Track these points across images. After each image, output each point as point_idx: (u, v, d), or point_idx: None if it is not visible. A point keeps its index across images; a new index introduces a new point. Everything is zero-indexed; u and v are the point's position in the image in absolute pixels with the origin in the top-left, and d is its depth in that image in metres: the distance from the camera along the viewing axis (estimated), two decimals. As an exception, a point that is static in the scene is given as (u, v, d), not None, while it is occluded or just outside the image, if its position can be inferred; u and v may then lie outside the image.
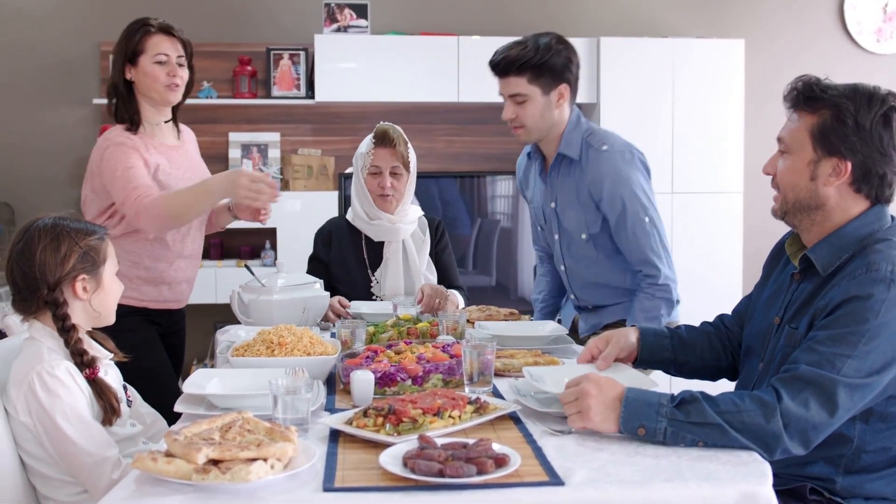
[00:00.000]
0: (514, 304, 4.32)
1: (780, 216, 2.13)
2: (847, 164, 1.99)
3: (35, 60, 5.44)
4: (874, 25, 5.97)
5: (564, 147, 3.03)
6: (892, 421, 1.98)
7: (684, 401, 1.81)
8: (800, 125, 2.03)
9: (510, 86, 2.97)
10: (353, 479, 1.63)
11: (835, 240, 2.02)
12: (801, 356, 1.89)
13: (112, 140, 2.98)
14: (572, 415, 1.85)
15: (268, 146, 5.51)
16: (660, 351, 2.33)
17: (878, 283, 1.89)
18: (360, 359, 2.33)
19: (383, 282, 3.40)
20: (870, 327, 1.86)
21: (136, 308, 3.00)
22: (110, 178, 2.93)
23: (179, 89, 3.07)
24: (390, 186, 3.33)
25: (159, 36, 3.04)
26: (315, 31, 5.36)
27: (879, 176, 1.99)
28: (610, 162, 2.97)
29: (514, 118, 3.01)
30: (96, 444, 2.07)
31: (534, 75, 2.93)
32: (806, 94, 2.02)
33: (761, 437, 1.79)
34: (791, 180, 2.06)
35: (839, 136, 1.98)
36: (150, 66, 3.02)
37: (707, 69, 5.50)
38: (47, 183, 5.44)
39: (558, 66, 2.94)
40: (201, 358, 5.38)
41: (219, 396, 2.06)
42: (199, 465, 1.57)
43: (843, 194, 2.02)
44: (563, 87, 2.97)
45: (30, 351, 2.15)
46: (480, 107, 5.68)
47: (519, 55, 2.93)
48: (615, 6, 5.83)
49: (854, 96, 1.98)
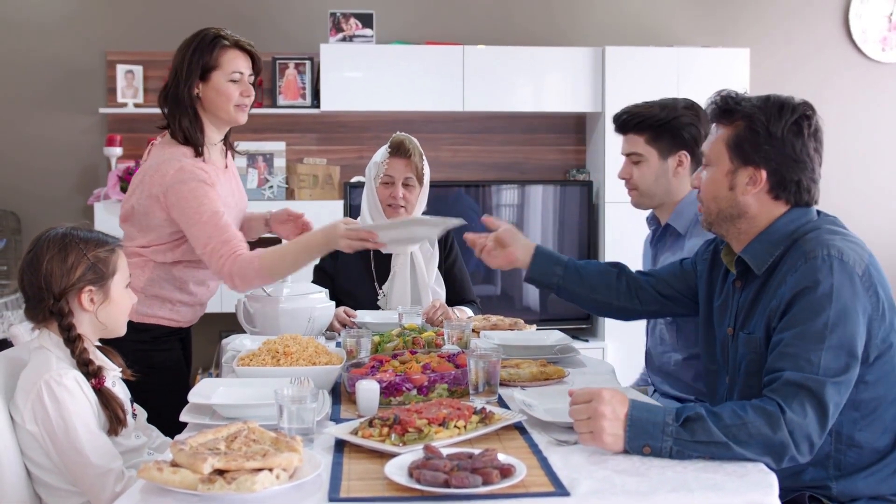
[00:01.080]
0: (520, 314, 4.32)
1: (706, 227, 2.19)
2: (762, 173, 2.05)
3: (42, 70, 5.46)
4: (879, 34, 5.96)
5: (674, 219, 2.83)
6: (864, 409, 2.00)
7: (689, 419, 1.80)
8: (717, 137, 2.11)
9: (627, 143, 2.85)
10: (359, 489, 1.63)
11: (764, 237, 2.08)
12: (778, 364, 1.91)
13: (192, 173, 2.72)
14: (584, 434, 1.84)
15: (273, 155, 5.52)
16: (549, 276, 2.45)
17: (820, 270, 1.92)
18: (365, 368, 2.32)
19: (390, 295, 3.37)
20: (828, 315, 1.89)
21: (173, 329, 2.92)
22: (191, 219, 2.70)
23: (247, 109, 2.88)
24: (402, 197, 3.31)
25: (235, 51, 2.82)
26: (321, 40, 5.38)
27: (795, 182, 2.05)
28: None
29: (628, 178, 2.85)
30: (101, 454, 2.07)
31: (652, 136, 2.79)
32: (722, 107, 2.10)
33: (769, 447, 1.80)
34: (712, 191, 2.13)
35: (752, 145, 2.04)
36: (224, 83, 2.80)
37: (712, 78, 5.48)
38: (54, 192, 5.45)
39: (681, 130, 2.78)
40: (206, 367, 5.38)
41: (224, 406, 2.06)
42: (205, 475, 1.57)
43: (762, 202, 2.08)
44: (682, 154, 2.79)
45: (38, 360, 2.15)
46: (486, 116, 5.70)
47: (640, 112, 2.82)
48: (620, 15, 5.83)
49: (765, 106, 2.04)
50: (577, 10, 5.82)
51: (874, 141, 5.98)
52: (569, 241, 5.63)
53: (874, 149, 5.98)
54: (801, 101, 2.07)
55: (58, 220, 2.30)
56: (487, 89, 5.43)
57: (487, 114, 5.66)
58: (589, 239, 5.59)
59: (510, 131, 5.80)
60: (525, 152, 5.83)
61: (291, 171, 5.52)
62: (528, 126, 5.80)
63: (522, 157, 5.83)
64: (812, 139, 2.05)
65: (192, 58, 2.80)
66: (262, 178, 5.49)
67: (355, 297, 3.36)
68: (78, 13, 5.47)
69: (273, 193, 5.48)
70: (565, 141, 5.84)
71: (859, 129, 5.96)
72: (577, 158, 5.86)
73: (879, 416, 2.01)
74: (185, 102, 2.81)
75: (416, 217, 3.27)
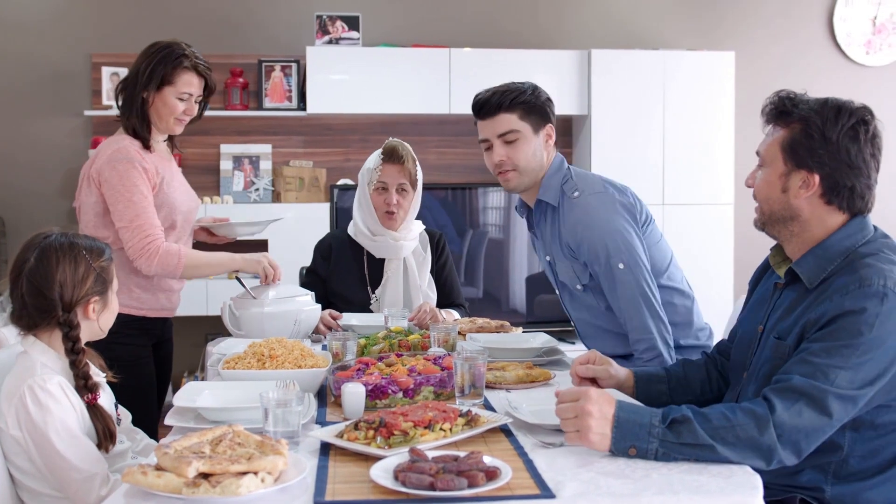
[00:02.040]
0: (506, 316, 4.32)
1: (759, 227, 2.17)
2: (815, 177, 2.02)
3: (27, 72, 5.44)
4: (863, 38, 6.00)
5: (543, 193, 2.90)
6: (882, 430, 1.99)
7: (675, 420, 1.80)
8: (773, 139, 2.08)
9: (500, 123, 2.86)
10: (344, 492, 1.63)
11: (819, 252, 2.05)
12: (794, 367, 1.90)
13: (127, 154, 2.96)
14: (570, 433, 1.84)
15: (259, 158, 5.51)
16: (657, 395, 2.34)
17: (871, 298, 1.90)
18: (351, 371, 2.32)
19: (383, 300, 3.37)
20: (864, 340, 1.87)
21: (134, 317, 3.00)
22: (120, 195, 2.91)
23: (184, 124, 3.10)
24: (396, 203, 3.32)
25: (191, 74, 3.03)
26: (307, 43, 5.38)
27: (849, 188, 2.02)
28: (582, 209, 2.84)
29: (504, 160, 2.87)
30: (85, 459, 2.06)
31: (525, 111, 2.86)
32: (779, 109, 2.07)
33: (755, 449, 1.80)
34: (765, 193, 2.10)
35: (806, 149, 2.02)
36: (172, 99, 3.02)
37: (698, 81, 5.52)
38: (38, 195, 5.43)
39: (545, 105, 2.89)
40: (192, 370, 5.36)
41: (209, 409, 2.05)
42: (190, 478, 1.56)
43: (814, 206, 2.05)
44: (549, 127, 2.90)
45: (23, 365, 2.14)
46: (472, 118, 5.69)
47: (508, 91, 2.86)
48: (606, 18, 5.85)
49: (822, 110, 2.01)
50: (563, 13, 5.83)
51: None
52: (555, 244, 5.64)
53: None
54: (860, 105, 2.04)
55: (42, 223, 2.29)
56: (474, 92, 5.35)
57: (474, 116, 5.66)
58: (575, 241, 5.60)
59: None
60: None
61: (277, 174, 5.51)
62: (515, 129, 5.79)
63: (509, 160, 5.83)
64: (869, 145, 2.02)
65: (154, 67, 3.00)
66: (248, 180, 5.48)
67: (348, 300, 3.36)
68: (63, 15, 5.45)
69: (259, 196, 5.47)
70: (552, 143, 5.85)
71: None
72: (564, 161, 5.86)
73: (893, 433, 1.99)
74: (136, 103, 3.02)
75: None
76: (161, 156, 3.11)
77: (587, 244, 2.81)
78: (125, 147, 2.97)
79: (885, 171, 2.08)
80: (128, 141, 3.01)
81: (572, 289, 2.97)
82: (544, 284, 5.67)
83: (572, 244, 2.85)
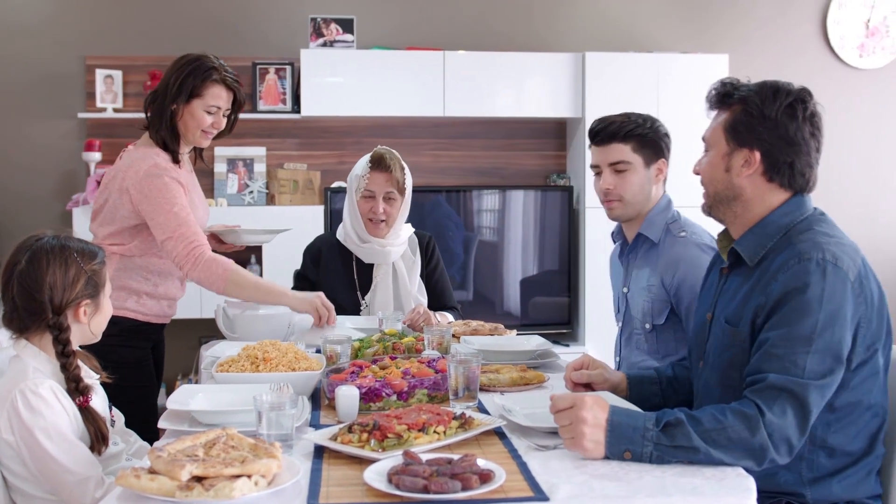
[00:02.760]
0: (500, 319, 4.33)
1: (705, 211, 2.24)
2: (756, 154, 2.10)
3: (20, 74, 5.43)
4: (857, 41, 6.01)
5: (646, 227, 2.88)
6: (839, 413, 2.01)
7: (669, 424, 1.81)
8: (716, 123, 2.17)
9: (611, 153, 2.87)
10: (338, 495, 1.63)
11: (758, 230, 2.11)
12: (763, 365, 1.92)
13: (165, 170, 2.95)
14: (566, 439, 1.84)
15: (253, 160, 5.51)
16: (649, 396, 2.38)
17: (812, 273, 1.94)
18: (345, 374, 2.32)
19: (373, 305, 3.37)
20: (817, 319, 1.90)
21: (139, 323, 3.00)
22: (161, 208, 2.89)
23: (211, 137, 3.10)
24: (382, 212, 3.31)
25: (220, 87, 3.04)
26: (301, 45, 5.37)
27: (788, 164, 2.08)
28: (686, 247, 2.79)
29: (612, 188, 2.86)
30: (79, 462, 2.06)
31: (638, 144, 2.86)
32: (721, 93, 2.16)
33: (748, 450, 1.81)
34: (710, 174, 2.19)
35: (746, 127, 2.10)
36: (200, 112, 3.02)
37: (691, 84, 5.52)
38: (32, 197, 5.42)
39: (660, 140, 2.88)
40: (186, 373, 5.36)
41: (203, 412, 2.05)
42: (183, 481, 1.56)
43: (757, 185, 2.12)
44: (662, 162, 2.89)
45: (15, 369, 2.14)
46: (466, 121, 5.70)
47: (624, 122, 2.86)
48: (600, 21, 5.86)
49: (761, 90, 2.10)
50: (557, 16, 5.84)
51: (851, 147, 6.02)
52: (549, 247, 5.65)
53: (850, 154, 6.03)
54: (800, 87, 2.11)
55: (36, 226, 2.28)
56: (468, 95, 5.44)
57: (468, 119, 5.67)
58: (570, 244, 5.61)
59: (491, 136, 5.81)
60: (506, 157, 5.84)
61: (272, 177, 5.51)
62: (509, 131, 5.81)
63: (503, 163, 5.84)
64: (807, 123, 2.08)
65: (184, 79, 3.00)
66: (243, 183, 5.47)
67: (337, 305, 3.34)
68: (57, 17, 5.44)
69: (253, 199, 5.46)
70: (546, 146, 5.86)
71: (836, 135, 6.00)
72: (558, 164, 5.88)
73: (853, 421, 2.02)
74: (165, 115, 3.01)
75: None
76: (187, 169, 3.12)
77: (689, 283, 2.72)
78: (159, 163, 2.96)
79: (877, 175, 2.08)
80: (162, 157, 3.00)
81: (639, 327, 2.89)
82: (539, 287, 5.69)
83: (666, 279, 2.78)
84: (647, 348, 2.87)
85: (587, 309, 5.49)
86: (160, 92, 3.03)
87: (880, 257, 5.87)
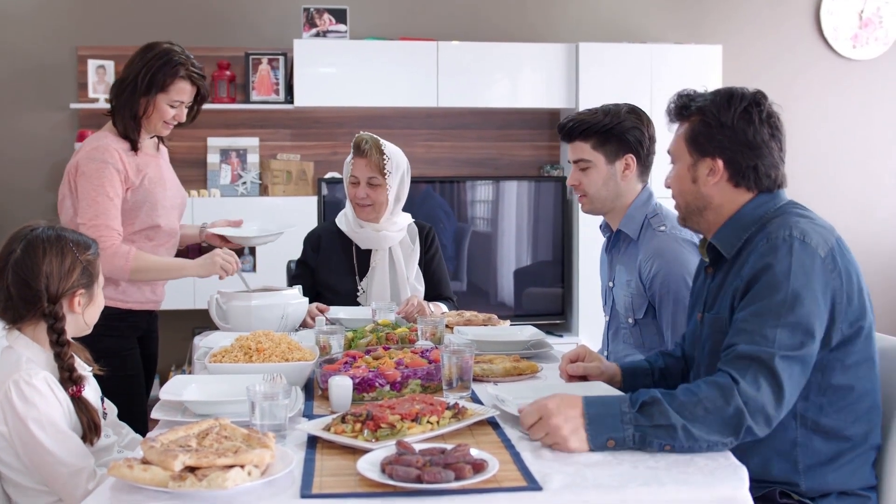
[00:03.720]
0: (494, 309, 4.33)
1: (681, 223, 2.26)
2: (719, 162, 2.12)
3: (11, 65, 5.40)
4: (850, 31, 6.02)
5: (625, 223, 2.88)
6: (833, 395, 2.01)
7: (645, 403, 1.83)
8: (677, 135, 2.20)
9: (575, 151, 2.89)
10: (331, 485, 1.63)
11: (732, 223, 2.13)
12: (734, 338, 1.94)
13: (104, 153, 2.98)
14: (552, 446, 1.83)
15: (246, 151, 5.50)
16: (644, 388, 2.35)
17: (779, 249, 1.96)
18: (338, 364, 2.32)
19: (369, 290, 3.39)
20: (787, 293, 1.92)
21: (120, 310, 3.01)
22: (87, 193, 2.94)
23: (170, 127, 3.13)
24: (366, 196, 3.34)
25: (185, 83, 3.06)
26: (294, 35, 5.36)
27: (752, 168, 2.11)
28: (664, 242, 2.77)
29: (577, 185, 2.89)
30: (72, 454, 2.06)
31: (598, 141, 2.84)
32: (678, 105, 2.19)
33: (724, 419, 1.82)
34: (678, 187, 2.21)
35: (706, 137, 2.12)
36: (164, 105, 3.04)
37: (685, 74, 5.51)
38: (24, 188, 5.40)
39: (626, 134, 2.84)
40: (179, 364, 5.35)
41: (196, 403, 2.05)
42: (176, 472, 1.56)
43: (724, 191, 2.14)
44: (629, 157, 2.85)
45: (8, 360, 2.13)
46: (460, 112, 5.69)
47: (585, 119, 2.86)
48: (593, 12, 5.85)
49: (715, 99, 2.13)
50: (550, 6, 5.83)
51: (844, 137, 6.03)
52: (543, 238, 5.65)
53: (844, 145, 6.04)
54: (754, 90, 2.13)
55: (28, 217, 2.29)
56: (461, 85, 5.43)
57: (461, 109, 5.66)
58: (563, 235, 5.61)
59: (484, 127, 5.80)
60: (499, 148, 5.83)
61: (265, 167, 5.50)
62: (502, 122, 5.80)
63: (496, 153, 5.84)
64: (765, 125, 2.10)
65: (154, 73, 3.02)
66: (236, 173, 5.46)
67: (336, 290, 3.39)
68: (48, 7, 5.41)
69: (246, 189, 5.45)
70: (539, 137, 5.85)
71: (829, 126, 6.01)
72: (551, 154, 5.87)
73: (851, 405, 2.02)
74: (134, 107, 3.03)
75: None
76: (147, 153, 3.12)
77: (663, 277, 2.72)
78: (105, 146, 2.99)
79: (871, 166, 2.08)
80: (111, 139, 3.02)
81: (624, 321, 2.91)
82: (533, 278, 5.69)
83: (643, 273, 2.78)
84: (633, 342, 2.88)
85: (580, 299, 5.50)
86: (128, 82, 3.04)
87: (874, 248, 5.89)
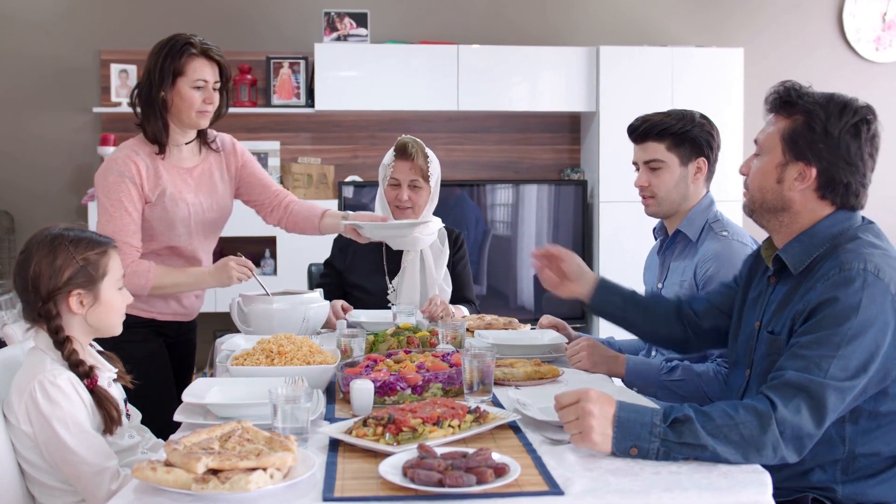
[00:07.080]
0: (514, 313, 4.32)
1: (748, 213, 2.17)
2: (812, 171, 2.02)
3: (35, 69, 5.45)
4: (873, 34, 5.98)
5: (685, 225, 2.87)
6: (881, 420, 1.98)
7: (677, 420, 1.79)
8: (774, 128, 2.07)
9: (647, 151, 2.88)
10: (353, 488, 1.63)
11: (805, 238, 2.05)
12: (786, 363, 1.90)
13: (121, 165, 2.90)
14: (574, 434, 1.83)
15: (267, 155, 5.52)
16: (611, 306, 2.45)
17: (852, 283, 1.90)
18: (359, 368, 2.32)
19: (399, 290, 3.42)
20: (850, 326, 1.87)
21: (143, 319, 2.98)
22: (99, 207, 2.92)
23: (209, 115, 2.99)
24: (407, 199, 3.37)
25: (201, 60, 2.92)
26: (315, 39, 5.38)
27: (844, 184, 2.02)
28: (725, 245, 2.75)
29: (646, 186, 2.88)
30: (96, 453, 2.07)
31: (673, 143, 2.84)
32: (783, 98, 2.06)
33: (758, 447, 1.79)
34: (759, 181, 2.10)
35: (807, 141, 2.01)
36: (188, 90, 2.91)
37: (706, 77, 5.51)
38: (47, 191, 5.44)
39: (700, 138, 2.85)
40: (201, 367, 5.37)
41: (218, 406, 2.06)
42: (199, 474, 1.57)
43: (807, 199, 2.05)
44: (701, 160, 2.86)
45: (33, 360, 2.15)
46: (480, 115, 5.70)
47: (661, 121, 2.85)
48: (614, 15, 5.84)
49: (827, 104, 2.01)
50: (571, 9, 5.82)
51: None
52: (563, 241, 5.64)
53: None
54: (865, 104, 2.03)
55: (52, 220, 2.29)
56: (482, 89, 5.43)
57: (482, 113, 5.66)
58: (584, 238, 5.60)
59: (505, 130, 5.80)
60: (520, 151, 5.83)
61: (286, 171, 5.52)
62: (523, 125, 5.80)
63: (517, 157, 5.84)
64: (868, 144, 2.01)
65: (163, 63, 2.91)
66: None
67: (366, 290, 3.42)
68: (71, 12, 5.46)
69: (267, 193, 5.46)
70: (560, 140, 5.85)
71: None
72: (572, 158, 5.86)
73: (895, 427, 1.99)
74: (154, 105, 2.93)
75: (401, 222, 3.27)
76: (179, 165, 3.03)
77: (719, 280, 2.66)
78: (121, 158, 2.92)
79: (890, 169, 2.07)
80: (136, 147, 2.95)
81: None
82: (552, 281, 5.67)
83: (699, 273, 2.76)
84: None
85: (601, 303, 5.47)
86: (144, 84, 2.95)
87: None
